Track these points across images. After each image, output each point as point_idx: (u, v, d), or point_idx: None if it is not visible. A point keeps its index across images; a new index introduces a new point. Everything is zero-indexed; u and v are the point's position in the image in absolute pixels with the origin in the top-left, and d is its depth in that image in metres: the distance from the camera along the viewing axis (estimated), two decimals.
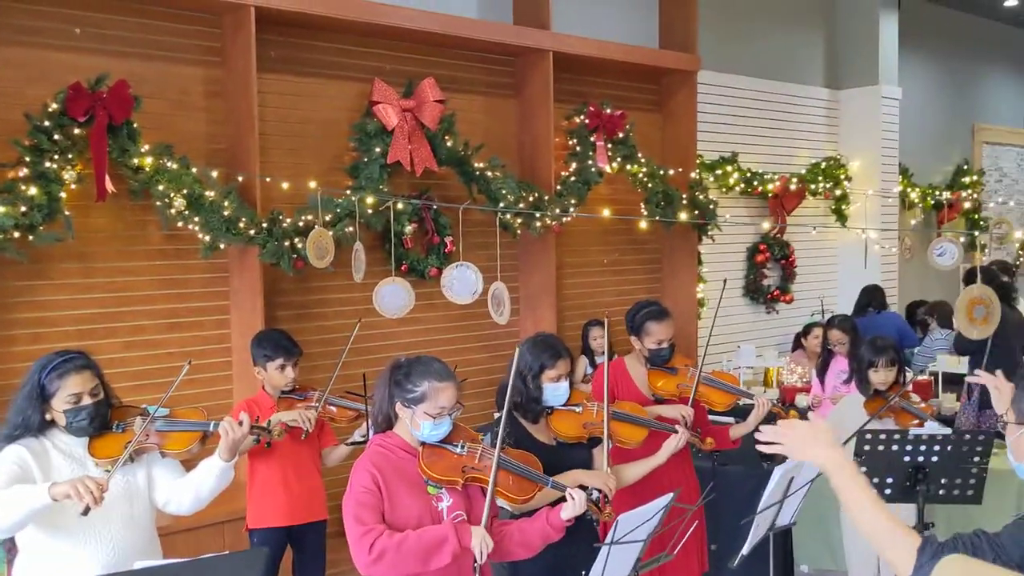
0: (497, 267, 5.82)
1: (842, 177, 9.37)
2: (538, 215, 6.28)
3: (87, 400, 2.98)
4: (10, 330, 4.69)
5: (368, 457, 2.84)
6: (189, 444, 3.09)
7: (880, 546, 2.08)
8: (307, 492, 4.19)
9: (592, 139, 6.93)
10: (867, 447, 3.82)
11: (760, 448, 2.26)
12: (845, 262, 9.59)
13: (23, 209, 4.36)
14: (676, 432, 3.76)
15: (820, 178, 9.17)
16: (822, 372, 6.22)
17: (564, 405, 3.52)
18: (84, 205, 4.79)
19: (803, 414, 5.92)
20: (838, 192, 9.34)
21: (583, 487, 3.08)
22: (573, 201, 6.71)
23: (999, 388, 3.12)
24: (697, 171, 7.70)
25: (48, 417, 2.98)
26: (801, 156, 9.24)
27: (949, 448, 3.78)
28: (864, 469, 4.12)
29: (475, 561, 2.72)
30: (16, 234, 4.37)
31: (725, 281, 5.14)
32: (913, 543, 2.01)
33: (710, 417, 4.42)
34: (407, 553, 2.67)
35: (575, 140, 6.94)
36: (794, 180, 8.77)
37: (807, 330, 7.69)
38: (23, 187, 4.41)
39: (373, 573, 2.73)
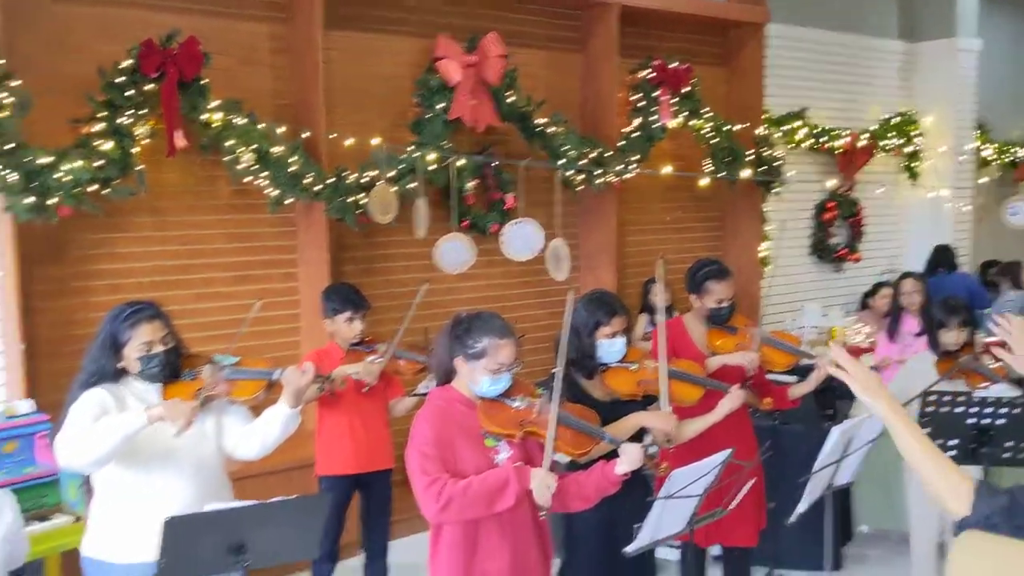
0: (557, 224, 5.83)
1: (914, 133, 9.11)
2: (597, 171, 6.26)
3: (158, 348, 3.09)
4: (89, 281, 4.87)
5: (428, 410, 2.91)
6: (255, 391, 3.20)
7: (929, 479, 2.10)
8: (373, 441, 4.29)
9: (656, 94, 6.86)
10: (930, 408, 3.78)
11: (830, 369, 2.28)
12: (916, 221, 9.36)
13: (98, 164, 4.50)
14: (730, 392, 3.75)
15: (891, 134, 8.93)
16: (891, 330, 6.09)
17: (619, 362, 3.53)
18: (156, 160, 4.93)
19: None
20: (909, 149, 9.08)
21: (641, 439, 3.11)
22: (635, 157, 6.66)
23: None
24: (763, 126, 7.57)
25: (121, 365, 3.10)
26: (872, 111, 9.00)
27: (1015, 411, 3.72)
28: (928, 430, 4.09)
29: (540, 507, 2.77)
30: (92, 188, 4.52)
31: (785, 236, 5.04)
32: (966, 484, 2.03)
33: (771, 377, 4.40)
34: (473, 498, 2.75)
35: (639, 95, 6.88)
36: (864, 136, 8.56)
37: (875, 289, 7.56)
38: (98, 142, 4.55)
39: (442, 519, 2.81)
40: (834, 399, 5.73)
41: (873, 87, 9.01)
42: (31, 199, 4.31)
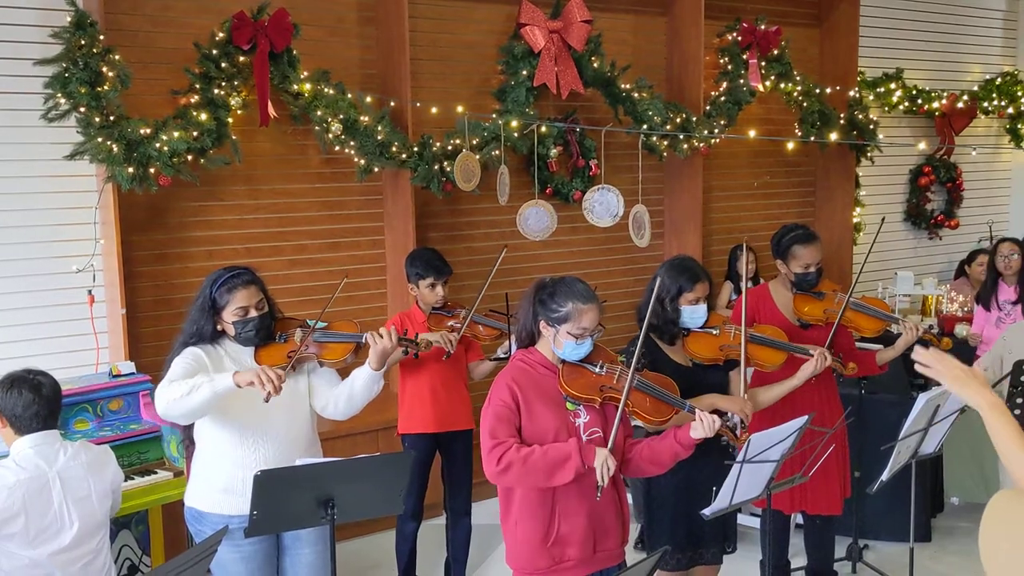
0: (639, 190, 5.81)
1: (1019, 94, 8.72)
2: (682, 136, 6.20)
3: (253, 313, 3.22)
4: (186, 247, 5.07)
5: (509, 371, 2.96)
6: (344, 354, 3.30)
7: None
8: (453, 403, 4.39)
9: (744, 57, 6.73)
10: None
11: (917, 367, 2.24)
12: (1020, 186, 8.98)
13: (195, 134, 4.67)
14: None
15: (994, 95, 8.57)
16: (987, 297, 5.89)
17: (701, 327, 3.53)
18: (249, 130, 5.08)
19: (958, 343, 5.71)
20: (1013, 111, 8.70)
21: (721, 413, 3.11)
22: (722, 122, 6.57)
23: None
24: (857, 89, 7.35)
25: (219, 328, 3.25)
26: (973, 72, 8.65)
27: None
28: (1021, 400, 3.97)
29: (598, 484, 2.80)
30: (189, 157, 4.69)
31: (883, 219, 4.91)
32: None
33: (859, 345, 4.33)
34: (532, 467, 2.79)
35: (726, 58, 6.76)
36: (964, 98, 8.24)
37: (972, 257, 7.31)
38: (194, 113, 4.72)
39: (500, 482, 2.88)
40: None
41: (974, 46, 8.64)
42: (132, 169, 4.50)
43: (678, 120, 6.25)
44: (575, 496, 2.90)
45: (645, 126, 6.07)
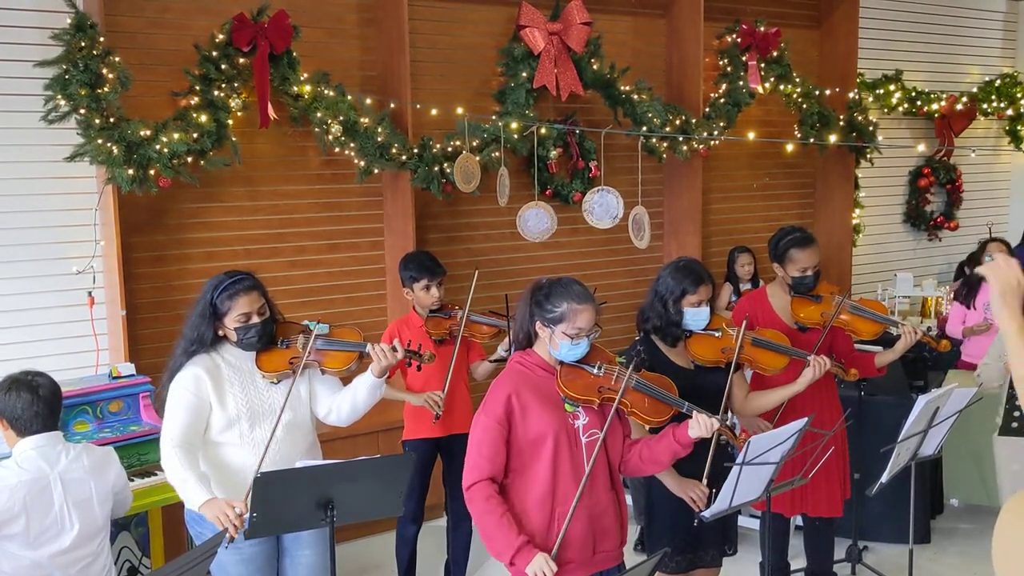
0: (638, 191, 5.81)
1: (1019, 96, 8.72)
2: (682, 138, 6.20)
3: (255, 319, 3.22)
4: (186, 249, 5.07)
5: (506, 375, 2.96)
6: (347, 363, 3.28)
7: None
8: (455, 406, 4.37)
9: (744, 59, 6.74)
10: None
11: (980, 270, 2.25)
12: (1019, 187, 8.99)
13: (195, 135, 4.68)
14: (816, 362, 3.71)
15: (993, 97, 8.57)
16: (969, 298, 5.87)
17: (704, 330, 3.54)
18: (249, 131, 5.09)
19: (956, 345, 5.71)
20: (1012, 112, 8.71)
21: (726, 411, 3.12)
22: (722, 124, 6.57)
23: None
24: (856, 91, 7.36)
25: (220, 333, 3.25)
26: (972, 74, 8.66)
27: None
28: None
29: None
30: (189, 159, 4.70)
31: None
32: None
33: (857, 346, 4.33)
34: (483, 525, 2.87)
35: (726, 60, 6.76)
36: (963, 99, 8.24)
37: (971, 258, 7.31)
38: (194, 114, 4.72)
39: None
40: (925, 369, 5.61)
41: (974, 48, 8.65)
42: (132, 170, 4.50)
43: (678, 122, 6.25)
44: (573, 495, 2.90)
45: (645, 128, 6.07)
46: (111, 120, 4.48)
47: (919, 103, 8.04)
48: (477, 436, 2.90)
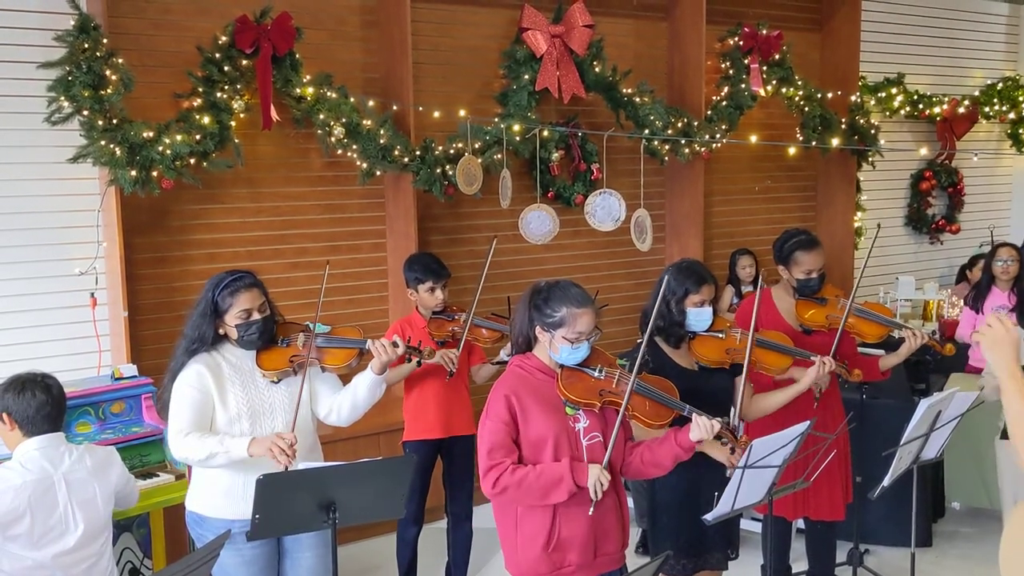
0: (640, 194, 5.82)
1: (1021, 99, 8.72)
2: (684, 141, 6.21)
3: (256, 316, 3.23)
4: (188, 250, 5.08)
5: (506, 379, 2.95)
6: (347, 360, 3.30)
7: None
8: (456, 408, 4.38)
9: (746, 61, 6.74)
10: None
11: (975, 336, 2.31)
12: (1021, 191, 8.98)
13: (197, 137, 4.68)
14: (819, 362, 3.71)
15: (995, 100, 8.57)
16: (977, 302, 5.86)
17: (707, 331, 3.53)
18: (251, 133, 5.09)
19: (959, 347, 5.70)
20: (1013, 115, 8.70)
21: (727, 411, 3.11)
22: (724, 127, 6.57)
23: None
24: (858, 94, 7.36)
25: (221, 332, 3.25)
26: (975, 77, 8.66)
27: None
28: None
29: (592, 500, 2.81)
30: (191, 160, 4.70)
31: (879, 226, 4.90)
32: None
33: (861, 349, 4.33)
34: (527, 489, 2.81)
35: (728, 63, 6.77)
36: (965, 102, 8.24)
37: (973, 262, 7.31)
38: (197, 116, 4.73)
39: (497, 502, 2.91)
40: (927, 373, 5.59)
41: (976, 51, 8.65)
42: (134, 172, 4.51)
43: (680, 124, 6.25)
44: (575, 501, 2.89)
45: (647, 130, 6.07)
46: (114, 121, 4.48)
47: (921, 106, 8.04)
48: (487, 439, 2.88)
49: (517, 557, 2.94)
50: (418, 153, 5.38)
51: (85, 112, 4.41)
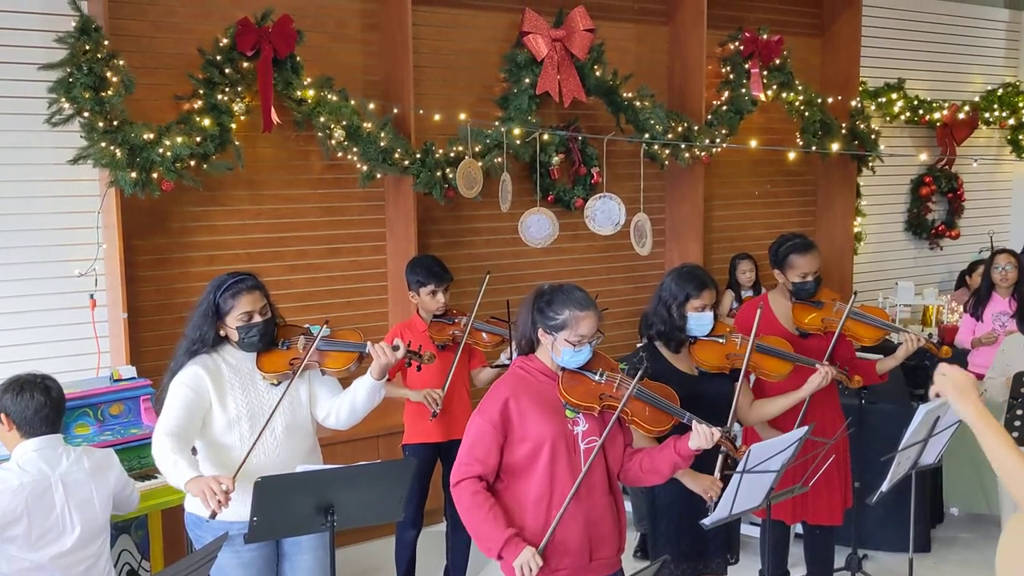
0: (640, 198, 5.82)
1: (1021, 105, 8.73)
2: (684, 145, 6.21)
3: (257, 318, 3.22)
4: (188, 252, 5.08)
5: (506, 380, 2.96)
6: (347, 363, 3.29)
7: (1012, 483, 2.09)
8: (456, 411, 4.37)
9: (746, 66, 6.75)
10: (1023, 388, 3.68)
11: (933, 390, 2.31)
12: (1021, 196, 8.99)
13: (198, 139, 4.68)
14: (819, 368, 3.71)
15: (995, 106, 8.58)
16: (977, 309, 5.86)
17: (707, 336, 3.53)
18: (252, 135, 5.09)
19: (957, 351, 5.70)
20: (1014, 121, 8.71)
21: (727, 419, 3.11)
22: (724, 131, 6.58)
23: None
24: (858, 99, 7.37)
25: (222, 333, 3.25)
26: (975, 83, 8.67)
27: None
28: (1021, 412, 3.98)
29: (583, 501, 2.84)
30: (192, 162, 4.70)
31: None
32: None
33: (859, 354, 4.33)
34: (468, 519, 2.86)
35: (728, 68, 6.78)
36: (965, 108, 8.25)
37: (972, 267, 7.30)
38: (197, 118, 4.73)
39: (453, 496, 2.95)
40: (926, 378, 5.59)
41: (977, 57, 8.66)
42: (135, 173, 4.51)
43: (680, 129, 6.26)
44: (572, 503, 2.89)
45: (647, 135, 6.08)
46: (114, 123, 4.49)
47: (921, 112, 8.05)
48: (471, 436, 2.90)
49: None
50: (418, 156, 5.38)
51: (86, 113, 4.42)
